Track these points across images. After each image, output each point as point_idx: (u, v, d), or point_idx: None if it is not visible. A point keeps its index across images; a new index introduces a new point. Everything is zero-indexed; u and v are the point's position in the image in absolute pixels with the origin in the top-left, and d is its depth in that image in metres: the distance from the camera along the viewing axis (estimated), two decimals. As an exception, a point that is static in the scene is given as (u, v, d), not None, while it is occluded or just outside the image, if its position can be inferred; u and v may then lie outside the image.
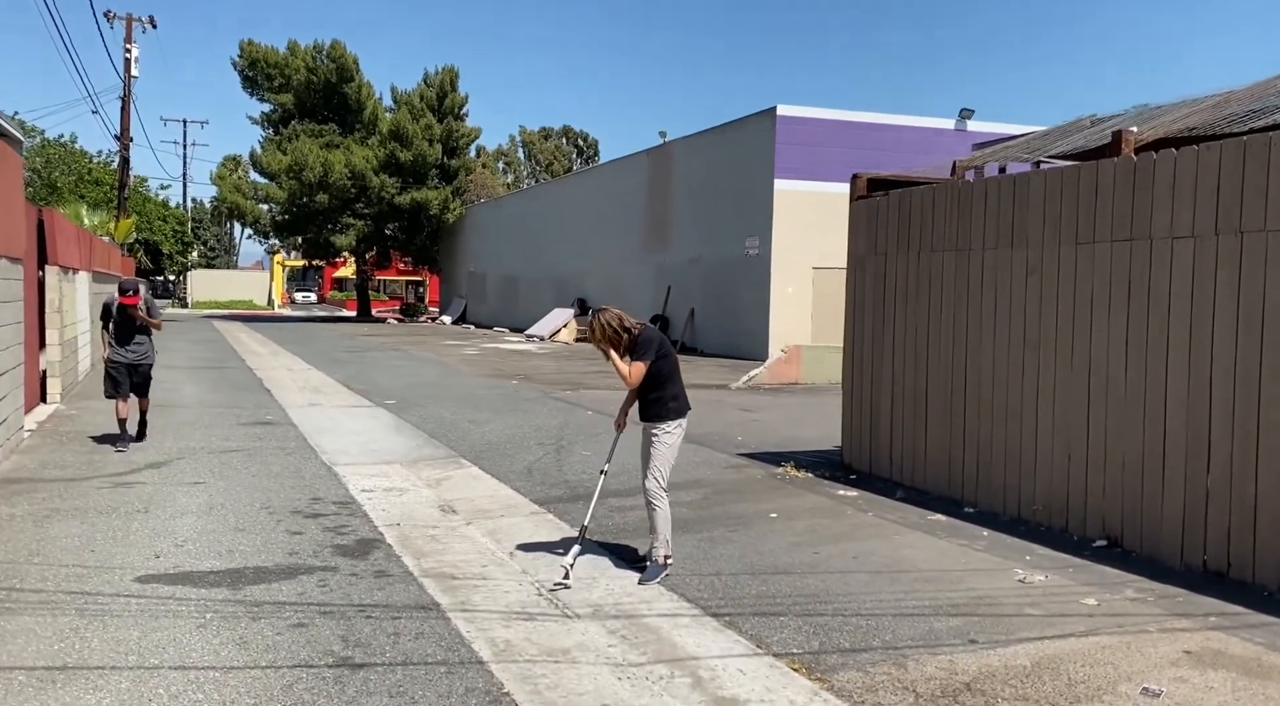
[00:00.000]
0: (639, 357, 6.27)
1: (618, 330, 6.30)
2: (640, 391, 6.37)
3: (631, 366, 6.27)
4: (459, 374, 20.16)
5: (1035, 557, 6.49)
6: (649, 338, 6.32)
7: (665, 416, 6.32)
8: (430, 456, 10.48)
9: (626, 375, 6.27)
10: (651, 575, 6.21)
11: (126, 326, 10.43)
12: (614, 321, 6.30)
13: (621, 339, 6.30)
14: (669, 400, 6.34)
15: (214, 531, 7.11)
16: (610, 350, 6.32)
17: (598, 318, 6.33)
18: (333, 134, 47.59)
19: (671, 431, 6.34)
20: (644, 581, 6.16)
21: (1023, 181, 7.31)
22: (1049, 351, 7.08)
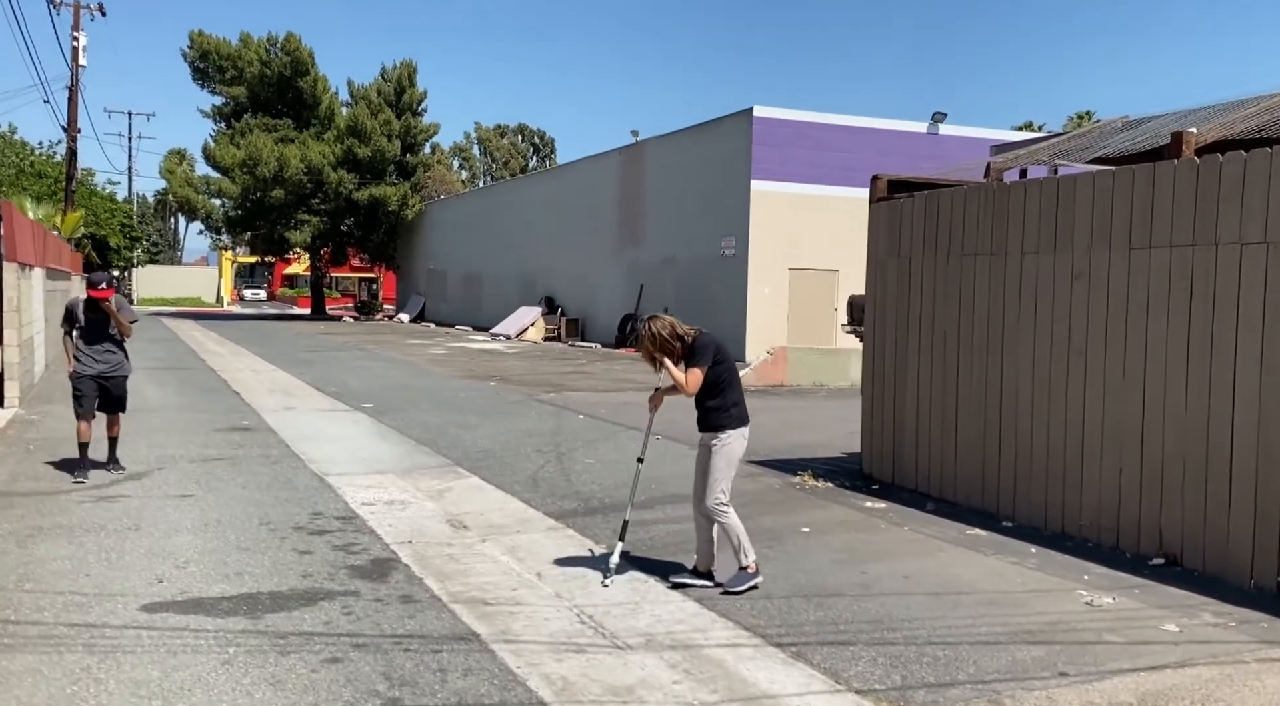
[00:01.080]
0: (695, 364, 5.95)
1: (669, 339, 5.97)
2: (698, 401, 6.04)
3: (688, 373, 5.95)
4: (431, 375, 19.60)
5: (1094, 577, 6.23)
6: (705, 343, 5.99)
7: (726, 425, 6.00)
8: (424, 465, 9.99)
9: (684, 383, 5.94)
10: (738, 582, 5.92)
11: (96, 329, 8.77)
12: (666, 329, 5.98)
13: (675, 347, 5.98)
14: (729, 407, 6.01)
15: (216, 551, 6.58)
16: (665, 359, 5.98)
17: (649, 326, 5.99)
18: (287, 128, 46.48)
19: (732, 442, 6.01)
20: (729, 588, 5.89)
21: (1067, 184, 7.05)
22: (1098, 359, 6.83)
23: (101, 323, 8.77)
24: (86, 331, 8.78)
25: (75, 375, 8.77)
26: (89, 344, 8.78)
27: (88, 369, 8.75)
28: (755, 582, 6.00)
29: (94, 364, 8.77)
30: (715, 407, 6.02)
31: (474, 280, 41.79)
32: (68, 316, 8.86)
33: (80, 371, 8.74)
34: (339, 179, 44.23)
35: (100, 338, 8.81)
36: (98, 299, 8.68)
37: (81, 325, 8.77)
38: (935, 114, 24.86)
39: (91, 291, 8.66)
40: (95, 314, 8.76)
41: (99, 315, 8.75)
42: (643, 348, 6.05)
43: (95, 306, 8.72)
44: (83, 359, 8.75)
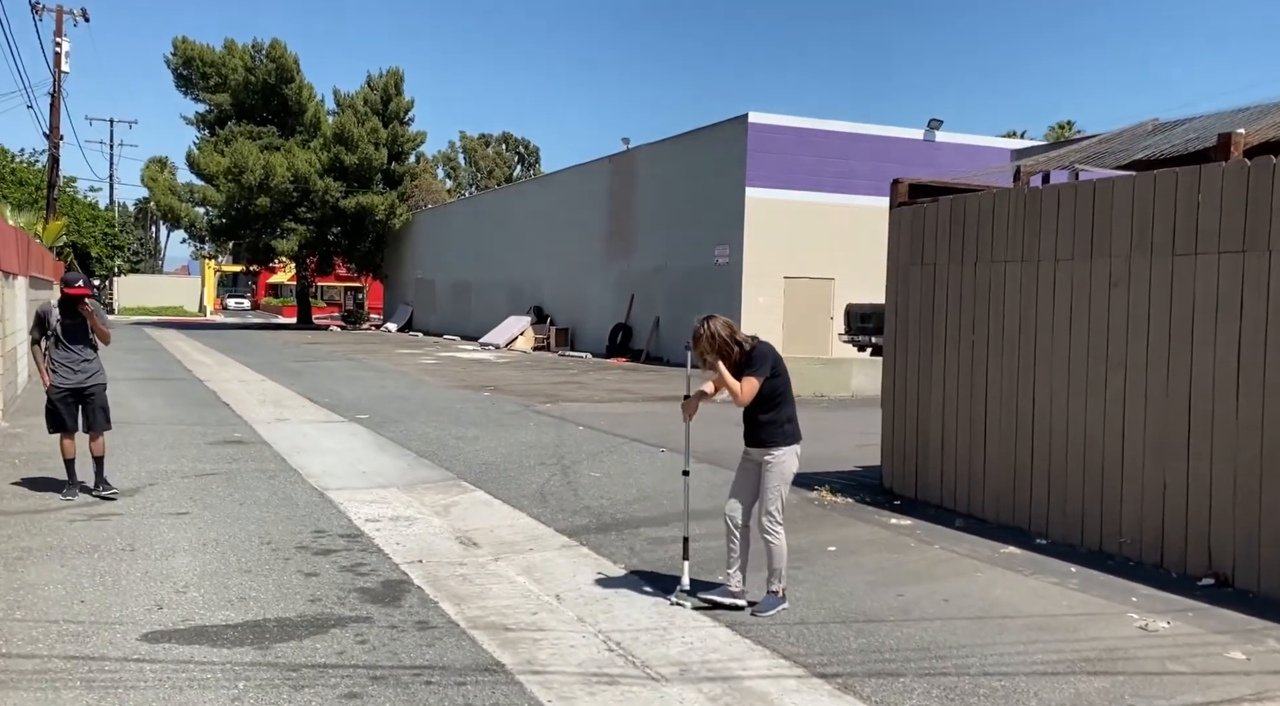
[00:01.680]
0: (752, 373, 5.62)
1: (728, 341, 5.64)
2: (749, 413, 5.74)
3: (743, 382, 5.61)
4: (425, 385, 19.22)
5: (1142, 598, 5.95)
6: (764, 352, 5.68)
7: (779, 441, 5.71)
8: (427, 479, 9.64)
9: (738, 392, 5.61)
10: (768, 607, 5.65)
11: (73, 335, 8.03)
12: (725, 331, 5.64)
13: (732, 352, 5.65)
14: (784, 422, 5.72)
15: (217, 573, 6.22)
16: (720, 363, 5.65)
17: (706, 325, 5.67)
18: (272, 136, 46.03)
19: (785, 458, 5.73)
20: (759, 613, 5.62)
21: (1104, 188, 6.80)
22: (1138, 369, 6.56)
23: (79, 328, 8.09)
24: (63, 337, 8.07)
25: (53, 388, 8.06)
26: (65, 351, 8.08)
27: (65, 380, 8.08)
28: (784, 606, 5.72)
29: (71, 374, 8.09)
30: (769, 422, 5.71)
31: (462, 289, 41.38)
32: (39, 323, 8.12)
33: (59, 384, 8.05)
34: (326, 187, 43.80)
35: (77, 344, 8.11)
36: (74, 298, 7.97)
37: (57, 332, 8.06)
38: (931, 121, 24.71)
39: (67, 289, 7.97)
40: (71, 318, 8.09)
41: (75, 319, 8.09)
42: (699, 347, 5.71)
43: (71, 309, 8.06)
44: (59, 369, 8.06)
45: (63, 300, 8.08)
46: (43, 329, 8.10)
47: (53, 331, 8.06)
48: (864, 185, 23.96)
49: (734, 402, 5.74)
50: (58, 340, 8.08)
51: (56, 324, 8.08)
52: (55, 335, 8.05)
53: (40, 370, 8.17)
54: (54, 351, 8.07)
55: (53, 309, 8.13)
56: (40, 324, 8.12)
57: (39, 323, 8.12)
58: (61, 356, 8.07)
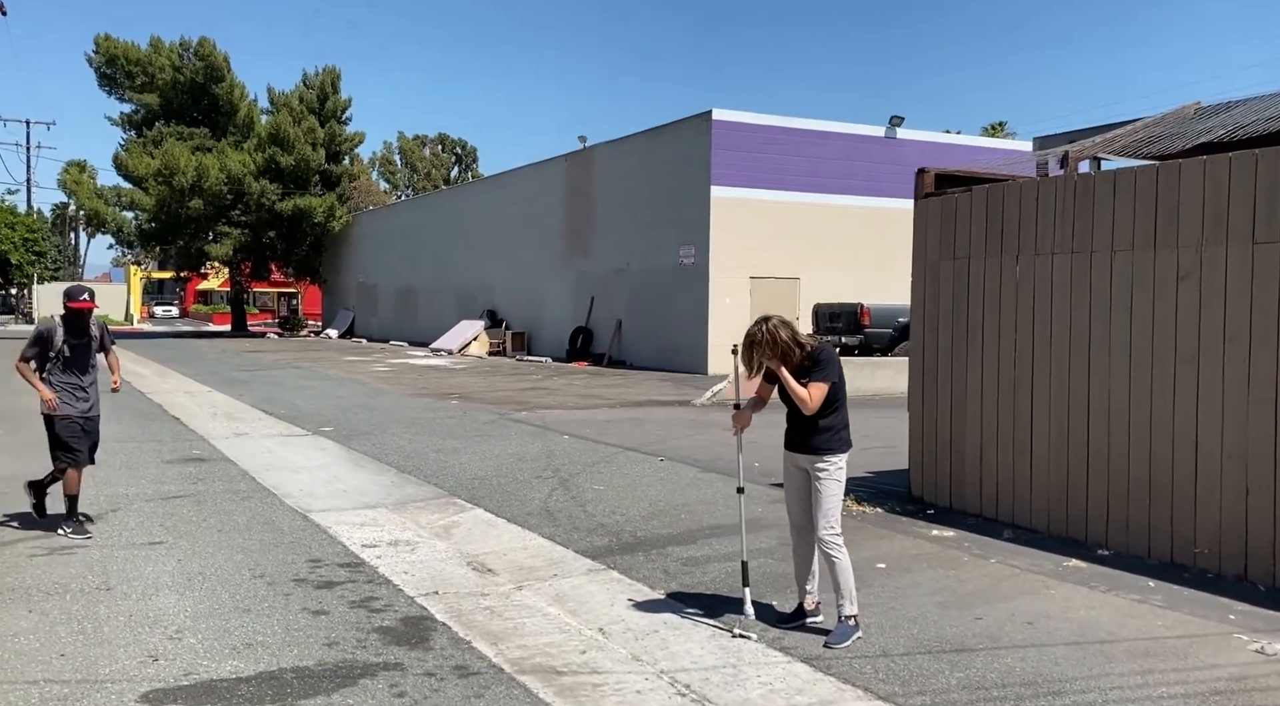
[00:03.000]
0: (820, 378, 5.12)
1: (790, 344, 5.09)
2: (805, 420, 5.23)
3: (811, 388, 5.08)
4: (384, 393, 18.32)
5: (1239, 616, 5.49)
6: (831, 355, 5.18)
7: (836, 448, 5.22)
8: (417, 497, 8.89)
9: (808, 399, 5.10)
10: (841, 637, 5.12)
11: (80, 357, 7.10)
12: (785, 333, 5.12)
13: (794, 354, 5.11)
14: (840, 429, 5.25)
15: (212, 614, 5.44)
16: (783, 369, 5.10)
17: (765, 328, 5.12)
18: (203, 137, 44.35)
19: (841, 466, 5.25)
20: (832, 644, 5.07)
21: (1169, 172, 6.36)
22: (1214, 367, 6.13)
23: (85, 349, 7.13)
24: (70, 361, 7.07)
25: (64, 418, 7.06)
26: (69, 375, 7.09)
27: (72, 408, 7.11)
28: (859, 635, 5.17)
29: (76, 402, 7.12)
30: (827, 428, 5.22)
31: (408, 294, 40.24)
32: (40, 343, 7.06)
33: (66, 413, 7.08)
34: (261, 189, 42.28)
35: (83, 368, 7.15)
36: (81, 314, 7.01)
37: (64, 354, 7.03)
38: (893, 118, 24.51)
39: (71, 304, 6.99)
40: (79, 338, 7.11)
41: (82, 339, 7.12)
42: (758, 352, 5.15)
43: (79, 327, 7.08)
44: (63, 396, 7.09)
45: (68, 317, 7.06)
46: (44, 350, 7.04)
47: (58, 353, 7.04)
48: (827, 182, 23.65)
49: (803, 410, 5.18)
50: (63, 363, 7.06)
51: (64, 345, 7.05)
52: (61, 358, 7.05)
53: (37, 386, 7.09)
54: (54, 376, 7.08)
55: (56, 327, 7.08)
56: (42, 344, 7.05)
57: (40, 342, 7.06)
58: (65, 381, 7.10)
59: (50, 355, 7.04)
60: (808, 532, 5.37)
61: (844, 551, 5.21)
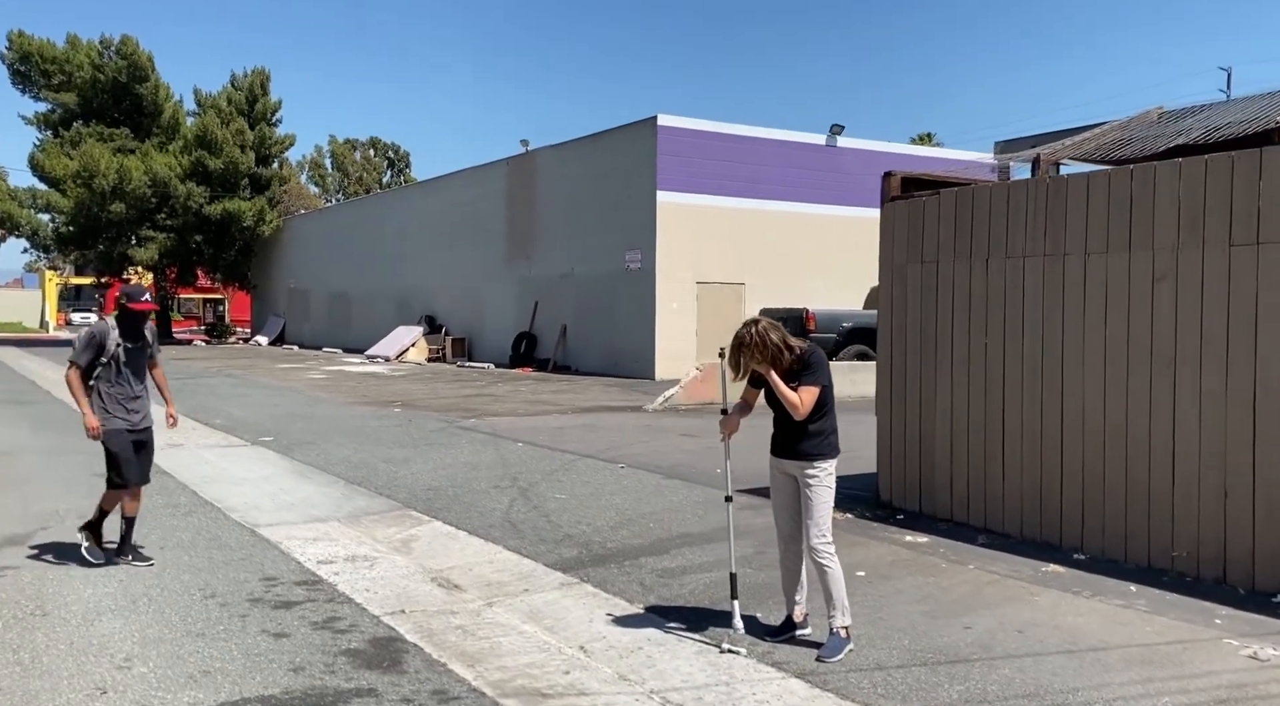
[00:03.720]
0: (810, 382, 4.97)
1: (780, 347, 4.93)
2: (794, 424, 5.06)
3: (802, 392, 4.93)
4: (323, 402, 17.76)
5: (1226, 620, 5.46)
6: (821, 357, 5.03)
7: (827, 454, 5.07)
8: (370, 509, 8.53)
9: (799, 404, 4.94)
10: (834, 650, 4.95)
11: (134, 363, 6.40)
12: (775, 335, 4.96)
13: (784, 357, 4.95)
14: (830, 433, 5.10)
15: (162, 640, 5.06)
16: (773, 373, 4.94)
17: (754, 331, 4.95)
18: (125, 138, 42.82)
19: (831, 471, 5.09)
20: (825, 658, 4.90)
21: (1144, 174, 6.35)
22: (1191, 370, 6.12)
23: (139, 355, 6.43)
24: (124, 368, 6.35)
25: (116, 433, 6.37)
26: (121, 385, 6.37)
27: (122, 421, 6.38)
28: (850, 647, 5.01)
29: (127, 414, 6.41)
30: (816, 433, 5.07)
31: (341, 299, 39.35)
32: (93, 348, 6.29)
33: (116, 426, 6.36)
34: (188, 192, 40.97)
35: (137, 376, 6.46)
36: (140, 316, 6.35)
37: (118, 359, 6.31)
38: (833, 127, 24.63)
39: (132, 304, 6.33)
40: (135, 342, 6.40)
41: (138, 343, 6.41)
42: (746, 355, 4.98)
43: (136, 331, 6.38)
44: (112, 408, 6.36)
45: (125, 318, 6.36)
46: (98, 356, 6.30)
47: (111, 358, 6.30)
48: (770, 189, 23.68)
49: (793, 415, 5.02)
50: (116, 371, 6.35)
51: (118, 349, 6.31)
52: (115, 364, 6.33)
53: (82, 406, 6.35)
54: (104, 385, 6.35)
55: (110, 330, 6.33)
56: (95, 349, 6.30)
57: (93, 347, 6.30)
58: (116, 391, 6.38)
59: (102, 361, 6.31)
60: (796, 541, 5.21)
61: (836, 560, 5.05)
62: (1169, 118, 7.48)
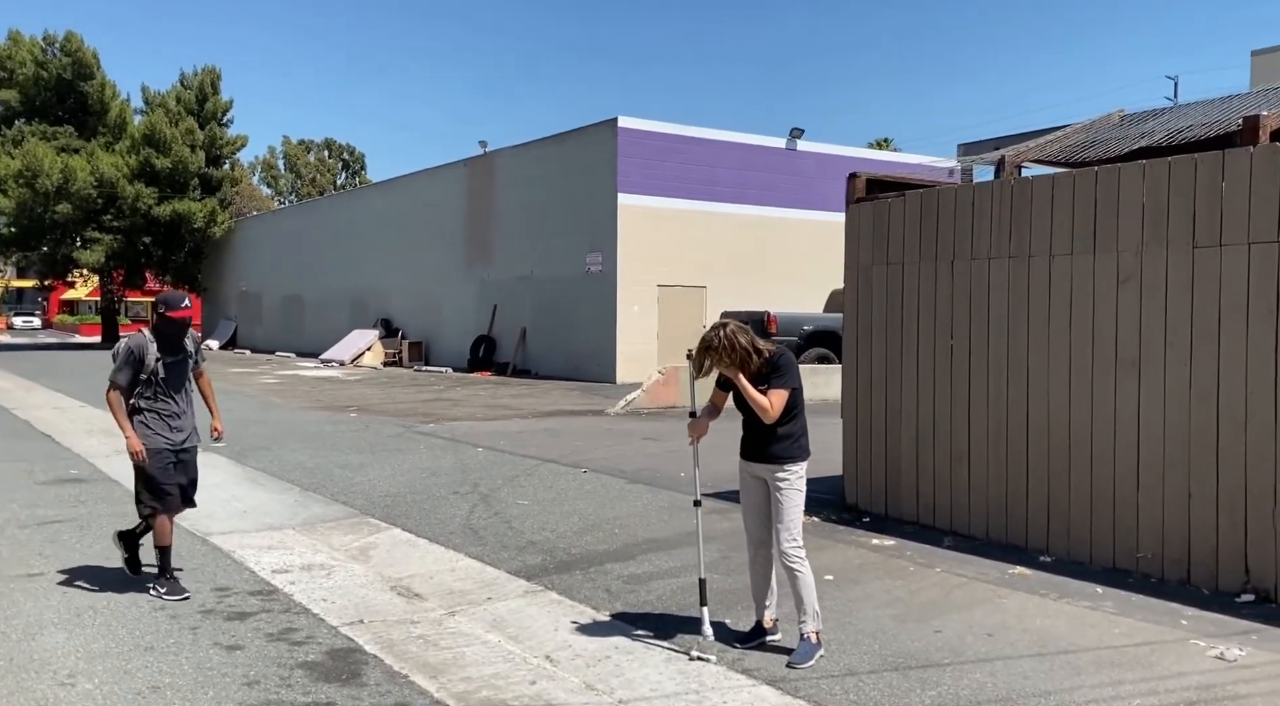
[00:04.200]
0: (780, 385, 4.90)
1: (749, 350, 4.85)
2: (764, 427, 4.98)
3: (771, 396, 4.86)
4: (276, 407, 17.41)
5: (1192, 621, 5.46)
6: (790, 360, 4.95)
7: (797, 456, 5.00)
8: (326, 516, 8.32)
9: (768, 407, 4.87)
10: (805, 656, 4.87)
11: (176, 377, 5.87)
12: (743, 338, 4.89)
13: (752, 361, 4.87)
14: (800, 435, 5.03)
15: (107, 654, 4.85)
16: (741, 376, 4.86)
17: (722, 334, 4.87)
18: (70, 137, 41.87)
19: (801, 474, 5.02)
20: (796, 664, 4.83)
21: (1109, 176, 6.36)
22: (1155, 372, 6.13)
23: (180, 367, 5.89)
24: (163, 383, 5.80)
25: (155, 452, 5.78)
26: (163, 401, 5.82)
27: (163, 439, 5.82)
28: (821, 653, 4.94)
29: (169, 432, 5.84)
30: (786, 436, 4.99)
31: (294, 302, 38.74)
32: (131, 362, 5.74)
33: (156, 445, 5.79)
34: (136, 193, 40.15)
35: (180, 391, 5.91)
36: (180, 324, 5.81)
37: (157, 375, 5.76)
38: (793, 130, 24.70)
39: (170, 312, 5.79)
40: (174, 354, 5.84)
41: (178, 356, 5.87)
42: (714, 359, 4.90)
43: (175, 341, 5.84)
44: (152, 424, 5.81)
45: (162, 329, 5.81)
46: (137, 372, 5.74)
47: (151, 374, 5.76)
48: (731, 192, 23.69)
49: (763, 419, 4.94)
50: (156, 387, 5.80)
51: (157, 363, 5.77)
52: (155, 379, 5.79)
53: (124, 428, 5.79)
54: (143, 402, 5.80)
55: (149, 343, 5.78)
56: (135, 365, 5.74)
57: (131, 363, 5.73)
58: (156, 407, 5.82)
59: (142, 377, 5.75)
60: (766, 546, 5.13)
61: (807, 564, 4.98)
62: (1132, 120, 7.53)
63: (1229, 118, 6.21)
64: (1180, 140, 6.30)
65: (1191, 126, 6.37)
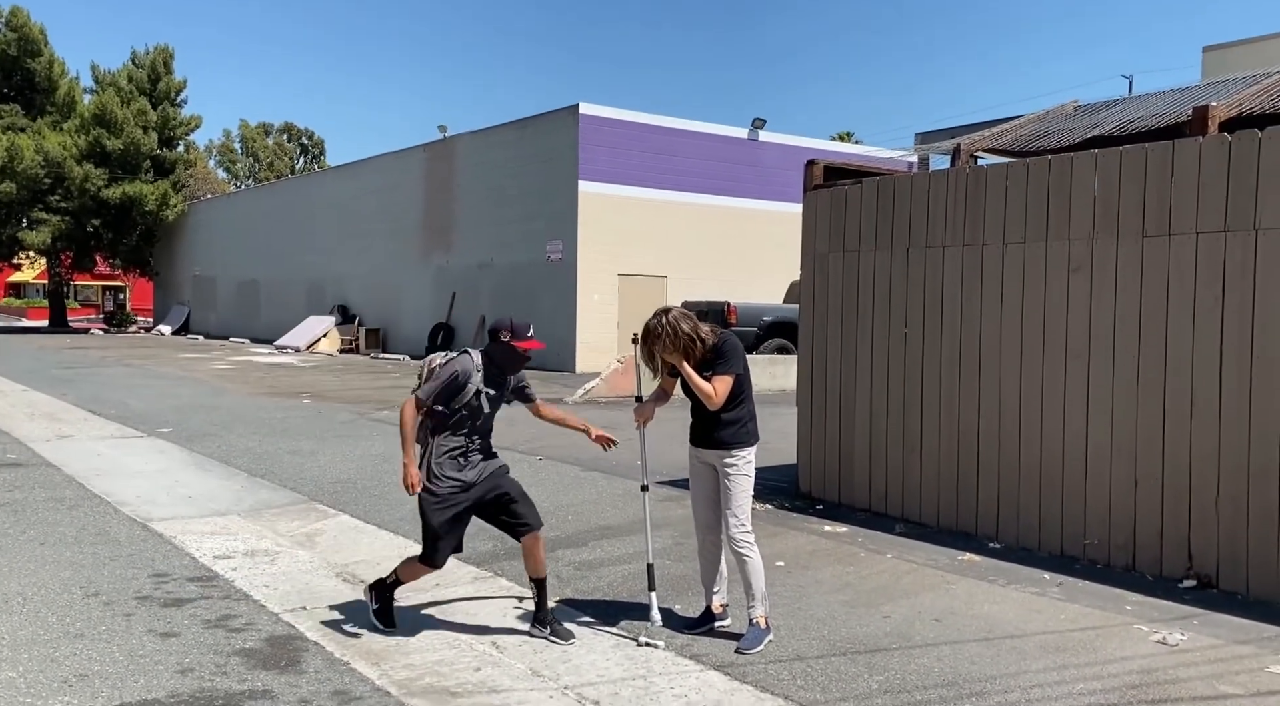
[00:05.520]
0: (726, 371, 4.87)
1: (691, 337, 4.80)
2: (710, 413, 4.94)
3: (715, 382, 4.81)
4: (227, 393, 17.10)
5: (1136, 607, 5.51)
6: (734, 345, 4.91)
7: (744, 441, 4.95)
8: (272, 502, 8.16)
9: (712, 394, 4.84)
10: (753, 642, 4.85)
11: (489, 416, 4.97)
12: (686, 325, 4.84)
13: (696, 348, 4.82)
14: (747, 420, 4.98)
15: (34, 642, 4.69)
16: (685, 363, 4.81)
17: (664, 321, 4.83)
18: (15, 115, 40.83)
19: (750, 460, 4.98)
20: (745, 649, 4.81)
21: (1062, 165, 6.38)
22: (1104, 361, 6.17)
23: (496, 404, 4.98)
24: (476, 422, 4.91)
25: (451, 489, 4.88)
26: (461, 439, 4.90)
27: (452, 482, 4.88)
28: (770, 638, 4.92)
29: (459, 471, 4.89)
30: (733, 421, 4.95)
31: (249, 288, 38.14)
32: (453, 388, 4.78)
33: (439, 488, 4.87)
34: (85, 174, 39.21)
35: (485, 434, 5.00)
36: (524, 359, 4.96)
37: (472, 407, 4.85)
38: (755, 120, 24.69)
39: (519, 343, 4.89)
40: (498, 388, 4.93)
41: (499, 392, 4.95)
42: (657, 346, 4.86)
43: (502, 378, 4.95)
44: (443, 463, 4.87)
45: (504, 357, 4.92)
46: (450, 402, 4.81)
47: (465, 406, 4.83)
48: (693, 181, 23.64)
49: (707, 405, 4.89)
50: (469, 424, 4.89)
51: (480, 397, 4.85)
52: (469, 413, 4.86)
53: (406, 452, 4.82)
54: (446, 436, 4.87)
55: (475, 371, 4.82)
56: (453, 390, 4.79)
57: (453, 387, 4.79)
58: (452, 444, 4.89)
59: (454, 407, 4.83)
60: (715, 532, 5.09)
61: (756, 550, 4.95)
62: (1085, 111, 7.57)
63: (1180, 108, 6.26)
64: (1131, 130, 6.35)
65: (1143, 116, 6.42)
